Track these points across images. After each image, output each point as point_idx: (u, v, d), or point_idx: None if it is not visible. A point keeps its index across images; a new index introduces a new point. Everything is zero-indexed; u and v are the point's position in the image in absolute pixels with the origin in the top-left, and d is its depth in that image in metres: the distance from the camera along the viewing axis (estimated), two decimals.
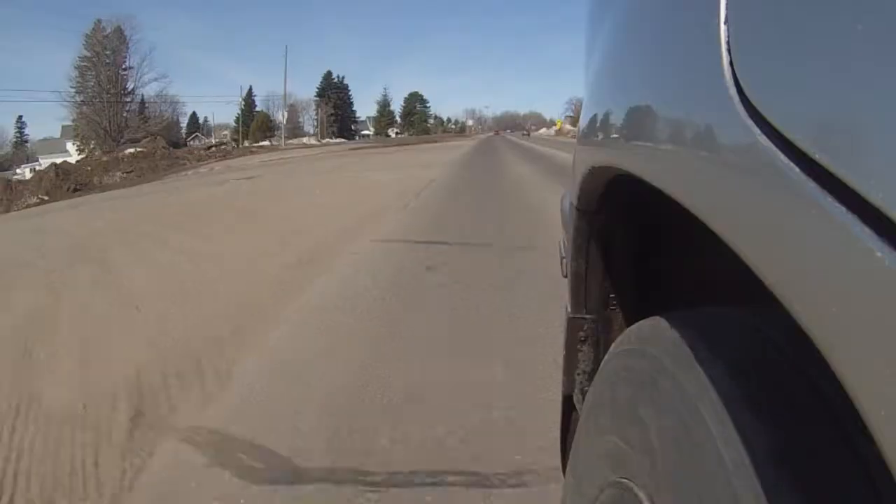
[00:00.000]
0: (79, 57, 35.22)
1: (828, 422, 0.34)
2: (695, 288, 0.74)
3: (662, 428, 0.45)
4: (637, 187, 0.53)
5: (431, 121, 77.42)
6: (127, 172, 16.28)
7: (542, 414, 1.65)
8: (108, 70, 33.38)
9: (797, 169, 0.28)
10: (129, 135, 32.19)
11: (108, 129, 31.60)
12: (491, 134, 67.18)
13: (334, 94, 57.99)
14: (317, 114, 55.06)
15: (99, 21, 36.17)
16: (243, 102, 53.20)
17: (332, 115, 55.79)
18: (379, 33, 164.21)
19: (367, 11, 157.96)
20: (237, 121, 51.48)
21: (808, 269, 0.27)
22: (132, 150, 24.93)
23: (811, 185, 0.27)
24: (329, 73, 57.81)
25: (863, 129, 0.25)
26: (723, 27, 0.36)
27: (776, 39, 0.32)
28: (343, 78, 60.15)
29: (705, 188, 0.39)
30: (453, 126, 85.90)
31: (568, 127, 62.26)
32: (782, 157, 0.29)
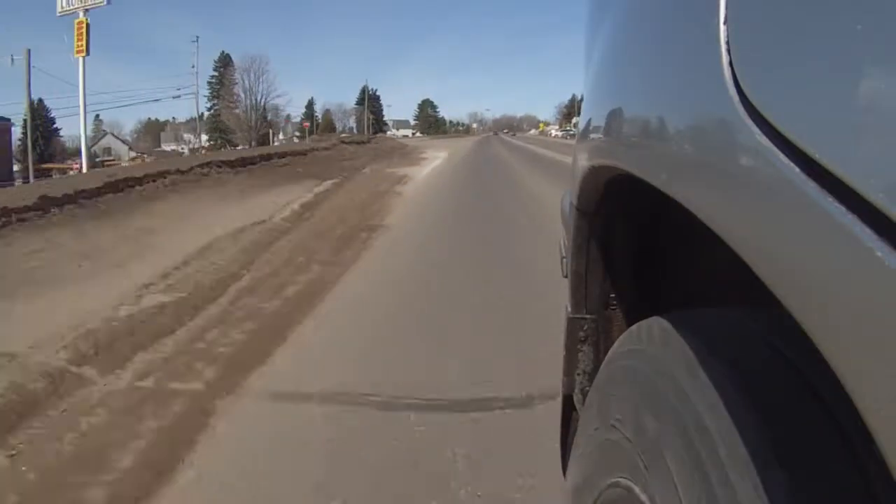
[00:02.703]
0: (210, 76, 54.57)
1: (827, 422, 0.34)
2: (695, 288, 0.74)
3: (662, 428, 0.45)
4: (637, 187, 0.52)
5: (447, 124, 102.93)
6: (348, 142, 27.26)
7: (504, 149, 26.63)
8: (244, 88, 51.29)
9: (797, 169, 0.28)
10: (262, 130, 49.29)
11: (251, 126, 49.13)
12: (490, 134, 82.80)
13: (369, 102, 75.30)
14: (357, 120, 73.29)
15: (223, 52, 55.53)
16: (305, 109, 71.66)
17: (369, 118, 73.54)
18: (381, 34, 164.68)
19: (369, 12, 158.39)
20: (307, 122, 68.20)
21: (808, 269, 0.27)
22: (345, 134, 44.28)
23: (811, 185, 0.27)
24: (366, 87, 75.35)
25: (863, 129, 0.25)
26: (723, 27, 0.36)
27: (776, 39, 0.32)
28: (376, 90, 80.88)
29: (705, 188, 0.39)
30: (460, 128, 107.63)
31: (549, 128, 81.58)
32: (782, 157, 0.29)
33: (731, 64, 0.34)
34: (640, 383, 0.52)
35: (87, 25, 14.53)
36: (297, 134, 57.92)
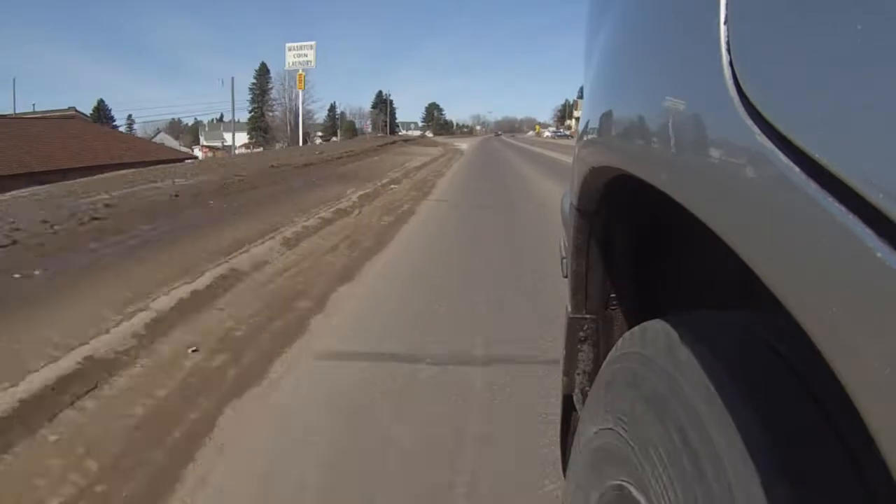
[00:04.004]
0: (250, 83, 62.94)
1: (826, 423, 0.34)
2: (695, 288, 0.74)
3: (661, 429, 0.45)
4: (637, 187, 0.52)
5: (455, 126, 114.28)
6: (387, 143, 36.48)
7: (503, 147, 30.29)
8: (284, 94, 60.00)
9: (797, 169, 0.28)
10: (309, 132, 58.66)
11: (290, 126, 56.24)
12: (491, 135, 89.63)
13: (383, 106, 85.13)
14: (372, 122, 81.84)
15: (263, 63, 63.83)
16: (328, 112, 77.71)
17: (383, 121, 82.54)
18: (385, 36, 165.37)
19: (373, 14, 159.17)
20: (329, 125, 75.90)
21: (808, 269, 0.27)
22: (379, 134, 55.46)
23: (811, 185, 0.27)
24: (380, 92, 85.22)
25: (863, 129, 0.25)
26: (723, 27, 0.36)
27: (776, 39, 0.32)
28: (389, 94, 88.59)
29: (705, 188, 0.39)
30: (465, 129, 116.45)
31: (543, 130, 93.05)
32: (782, 157, 0.29)
33: (731, 64, 0.34)
34: (640, 385, 0.52)
35: (304, 76, 25.97)
36: (321, 134, 65.16)
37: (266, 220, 4.55)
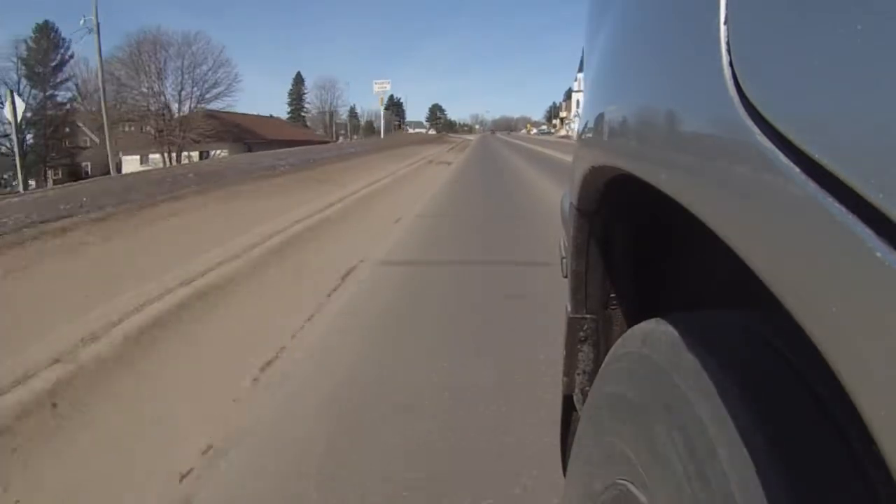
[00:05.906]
0: (289, 89, 75.87)
1: (827, 423, 0.34)
2: (695, 288, 0.74)
3: (661, 430, 0.45)
4: (637, 187, 0.52)
5: (457, 125, 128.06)
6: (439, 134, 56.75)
7: (504, 146, 34.55)
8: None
9: (797, 169, 0.28)
10: (336, 130, 72.35)
11: (325, 125, 70.06)
12: (488, 133, 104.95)
13: (394, 108, 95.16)
14: (386, 122, 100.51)
15: (298, 72, 76.73)
16: (348, 112, 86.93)
17: (396, 121, 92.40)
18: (385, 35, 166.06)
19: (373, 13, 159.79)
20: (353, 124, 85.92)
21: (808, 269, 0.27)
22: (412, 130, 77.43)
23: (811, 186, 0.27)
24: (392, 95, 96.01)
25: (863, 129, 0.25)
26: (723, 27, 0.36)
27: (776, 39, 0.32)
28: (400, 98, 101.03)
29: (705, 188, 0.39)
30: (466, 127, 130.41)
31: (532, 129, 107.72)
32: (782, 157, 0.29)
33: (731, 64, 0.34)
34: (639, 385, 0.52)
35: (384, 99, 33.28)
36: (343, 133, 73.51)
37: (438, 147, 24.37)
